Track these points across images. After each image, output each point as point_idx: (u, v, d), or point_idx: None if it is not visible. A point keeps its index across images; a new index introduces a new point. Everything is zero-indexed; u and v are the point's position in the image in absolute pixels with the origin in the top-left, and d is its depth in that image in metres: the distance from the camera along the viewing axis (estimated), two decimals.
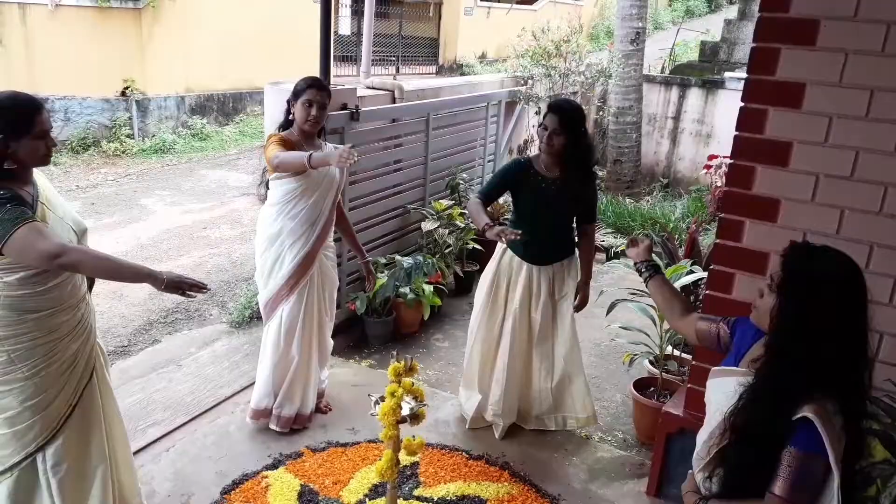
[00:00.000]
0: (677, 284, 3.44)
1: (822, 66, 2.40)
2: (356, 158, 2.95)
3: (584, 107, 8.21)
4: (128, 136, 9.84)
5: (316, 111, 3.19)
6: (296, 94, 3.20)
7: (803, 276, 1.59)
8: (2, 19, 8.99)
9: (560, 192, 3.27)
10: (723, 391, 1.72)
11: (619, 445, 3.57)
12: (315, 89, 3.19)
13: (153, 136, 10.12)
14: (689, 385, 2.91)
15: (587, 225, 3.44)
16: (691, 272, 3.48)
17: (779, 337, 1.60)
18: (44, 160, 2.19)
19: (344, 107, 4.28)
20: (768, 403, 1.55)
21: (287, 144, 3.17)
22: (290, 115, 3.27)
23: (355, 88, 4.65)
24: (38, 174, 2.26)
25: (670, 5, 20.07)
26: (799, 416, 1.51)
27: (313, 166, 3.02)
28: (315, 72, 4.32)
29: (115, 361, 4.17)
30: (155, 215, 7.30)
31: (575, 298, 3.42)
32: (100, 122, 9.75)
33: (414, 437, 2.56)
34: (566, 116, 3.19)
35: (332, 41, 4.31)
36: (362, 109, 4.38)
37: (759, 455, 1.57)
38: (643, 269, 2.30)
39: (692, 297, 3.74)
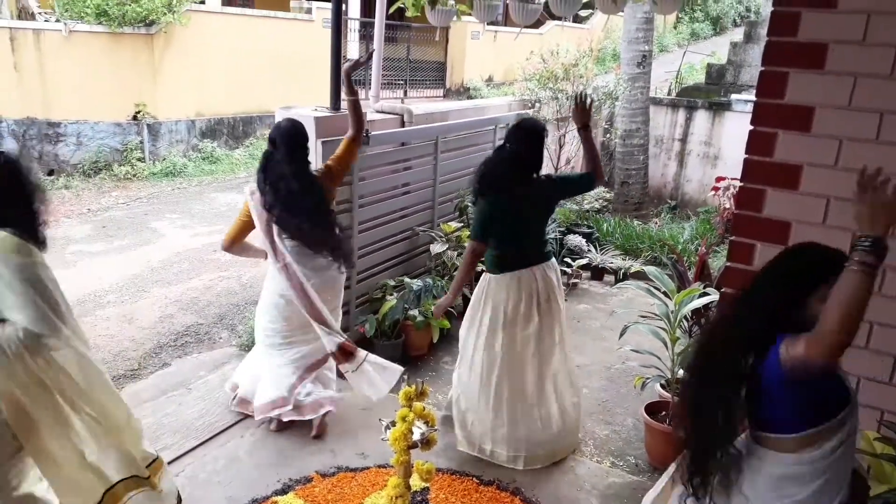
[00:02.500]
0: (689, 307, 3.43)
1: (831, 90, 2.41)
2: None
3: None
4: (139, 159, 9.94)
5: None
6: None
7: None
8: (16, 45, 9.15)
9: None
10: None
11: (630, 470, 3.53)
12: None
13: (164, 159, 10.22)
14: None
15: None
16: (704, 294, 3.47)
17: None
18: None
19: None
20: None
21: None
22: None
23: (365, 113, 4.69)
24: None
25: (675, 28, 20.21)
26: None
27: None
28: (326, 95, 4.38)
29: (125, 384, 4.19)
30: (165, 238, 7.35)
31: None
32: (111, 146, 9.86)
33: (424, 462, 2.54)
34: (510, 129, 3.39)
35: (341, 65, 4.36)
36: (372, 133, 4.42)
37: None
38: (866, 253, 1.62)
39: (703, 321, 3.73)
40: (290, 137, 3.32)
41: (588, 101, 3.42)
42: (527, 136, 3.32)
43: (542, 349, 3.43)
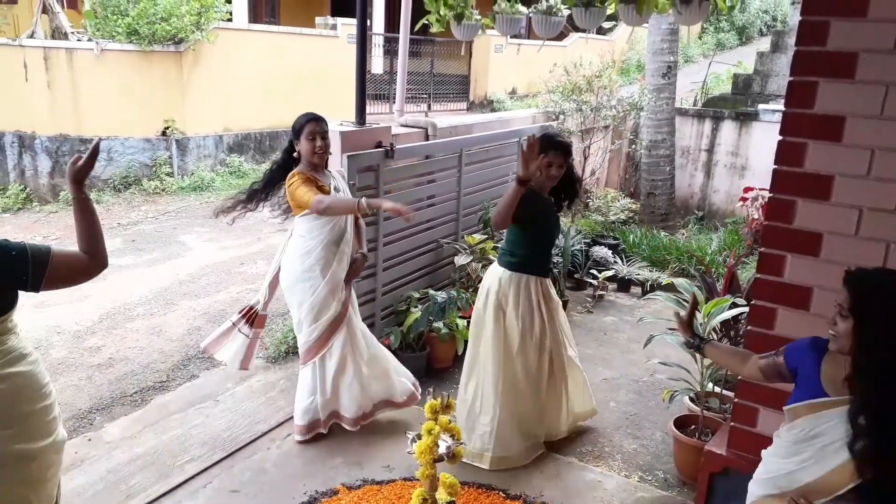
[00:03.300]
0: (718, 319, 3.38)
1: (862, 99, 2.37)
2: (414, 215, 3.23)
3: (616, 141, 8.30)
4: (167, 174, 10.11)
5: (321, 142, 3.36)
6: (297, 131, 3.37)
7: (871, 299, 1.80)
8: (50, 64, 9.40)
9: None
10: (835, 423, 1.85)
11: (659, 485, 3.48)
12: (314, 122, 3.37)
13: (192, 174, 10.37)
14: (732, 423, 2.84)
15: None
16: (734, 305, 3.42)
17: (863, 355, 1.78)
18: None
19: (379, 145, 4.35)
20: None
21: (310, 182, 3.35)
22: (296, 153, 3.43)
23: (390, 127, 4.73)
24: None
25: (700, 38, 20.08)
26: None
27: (366, 213, 3.25)
28: (351, 109, 4.43)
29: (154, 396, 4.25)
30: (193, 252, 7.45)
31: None
32: (141, 162, 10.04)
33: (450, 476, 2.53)
34: (566, 150, 3.49)
35: (366, 80, 4.41)
36: (397, 147, 4.45)
37: None
38: (690, 344, 2.48)
39: (733, 333, 3.68)
40: None
41: (537, 149, 3.12)
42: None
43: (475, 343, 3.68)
